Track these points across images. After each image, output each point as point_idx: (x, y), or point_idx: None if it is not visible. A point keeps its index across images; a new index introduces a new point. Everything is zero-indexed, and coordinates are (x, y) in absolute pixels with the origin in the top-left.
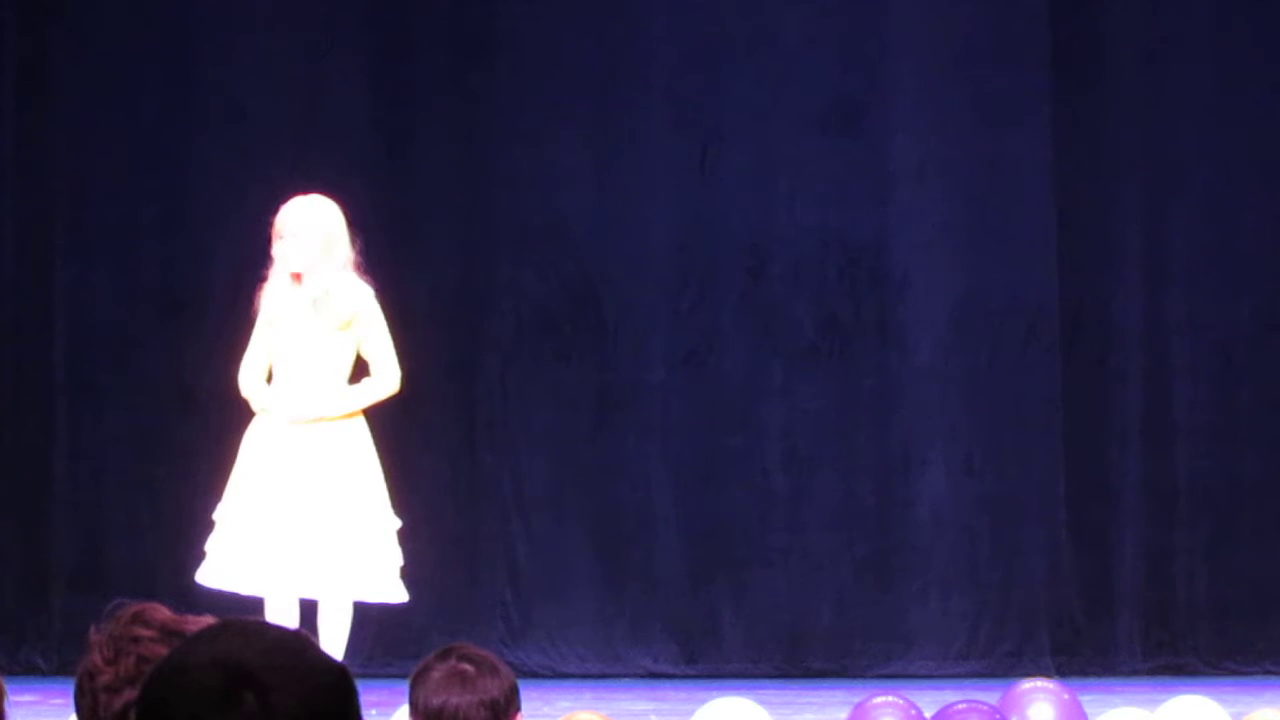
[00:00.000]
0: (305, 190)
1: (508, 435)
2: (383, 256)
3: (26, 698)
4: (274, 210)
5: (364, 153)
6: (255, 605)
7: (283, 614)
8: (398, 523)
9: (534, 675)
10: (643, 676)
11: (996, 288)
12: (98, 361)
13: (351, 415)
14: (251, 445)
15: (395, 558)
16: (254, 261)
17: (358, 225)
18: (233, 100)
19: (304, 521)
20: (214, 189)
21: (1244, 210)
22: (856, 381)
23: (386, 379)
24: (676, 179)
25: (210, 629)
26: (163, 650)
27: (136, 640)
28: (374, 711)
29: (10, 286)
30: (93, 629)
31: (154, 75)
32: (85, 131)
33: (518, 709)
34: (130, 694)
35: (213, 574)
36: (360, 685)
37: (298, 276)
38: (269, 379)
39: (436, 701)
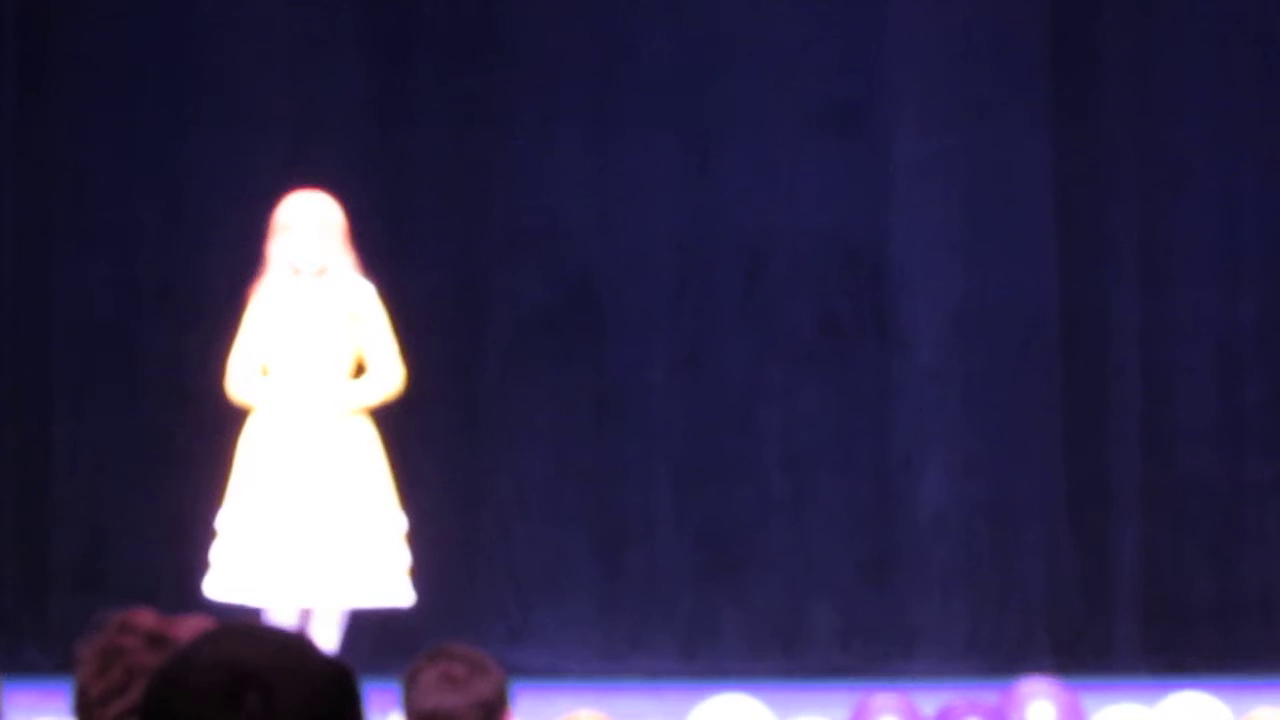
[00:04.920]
0: (304, 189)
1: (507, 435)
2: (382, 256)
3: (26, 698)
4: (272, 208)
5: (363, 151)
6: (253, 610)
7: (283, 620)
8: (405, 524)
9: (534, 675)
10: (643, 676)
11: (996, 288)
12: (97, 361)
13: (357, 414)
14: (252, 447)
15: (403, 560)
16: (253, 259)
17: (357, 224)
18: (231, 98)
19: (311, 527)
20: (212, 187)
21: (1244, 210)
22: (856, 382)
23: (388, 377)
24: (676, 179)
25: (213, 631)
26: (150, 657)
27: (122, 651)
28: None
29: (8, 284)
30: (79, 644)
31: (153, 72)
32: (84, 129)
33: (509, 707)
34: (120, 704)
35: (219, 586)
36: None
37: (322, 271)
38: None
39: (429, 704)
